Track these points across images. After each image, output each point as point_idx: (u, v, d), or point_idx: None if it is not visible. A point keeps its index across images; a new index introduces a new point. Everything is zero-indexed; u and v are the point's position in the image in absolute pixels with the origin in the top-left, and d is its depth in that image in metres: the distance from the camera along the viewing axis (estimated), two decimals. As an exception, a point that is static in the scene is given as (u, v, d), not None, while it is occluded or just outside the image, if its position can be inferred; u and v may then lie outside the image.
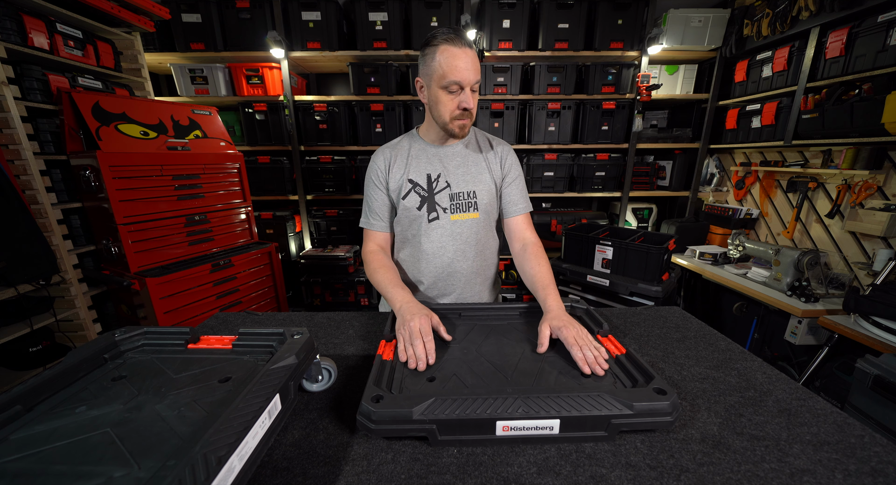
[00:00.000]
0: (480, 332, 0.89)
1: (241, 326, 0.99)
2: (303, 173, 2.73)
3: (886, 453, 0.55)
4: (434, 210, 1.06)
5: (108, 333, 0.71)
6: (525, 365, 0.75)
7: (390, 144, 1.11)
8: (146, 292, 1.66)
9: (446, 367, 0.74)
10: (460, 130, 0.99)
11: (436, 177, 1.06)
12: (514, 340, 0.85)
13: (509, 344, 0.83)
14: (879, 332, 1.49)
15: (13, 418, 0.52)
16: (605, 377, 0.70)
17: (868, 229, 1.85)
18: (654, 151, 2.94)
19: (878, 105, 1.64)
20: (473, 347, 0.82)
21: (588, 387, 0.68)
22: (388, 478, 0.52)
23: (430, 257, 1.08)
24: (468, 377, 0.71)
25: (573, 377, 0.71)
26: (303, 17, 2.43)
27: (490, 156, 1.10)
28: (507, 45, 2.52)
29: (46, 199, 1.60)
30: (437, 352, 0.77)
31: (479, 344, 0.83)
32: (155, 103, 1.90)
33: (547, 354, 0.79)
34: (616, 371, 0.72)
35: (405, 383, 0.69)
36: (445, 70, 0.91)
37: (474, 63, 0.92)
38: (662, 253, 1.87)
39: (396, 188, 1.06)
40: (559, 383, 0.69)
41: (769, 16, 2.16)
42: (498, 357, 0.78)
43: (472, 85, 0.94)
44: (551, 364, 0.75)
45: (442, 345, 0.82)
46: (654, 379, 0.63)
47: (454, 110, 0.95)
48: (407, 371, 0.72)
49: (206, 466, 0.39)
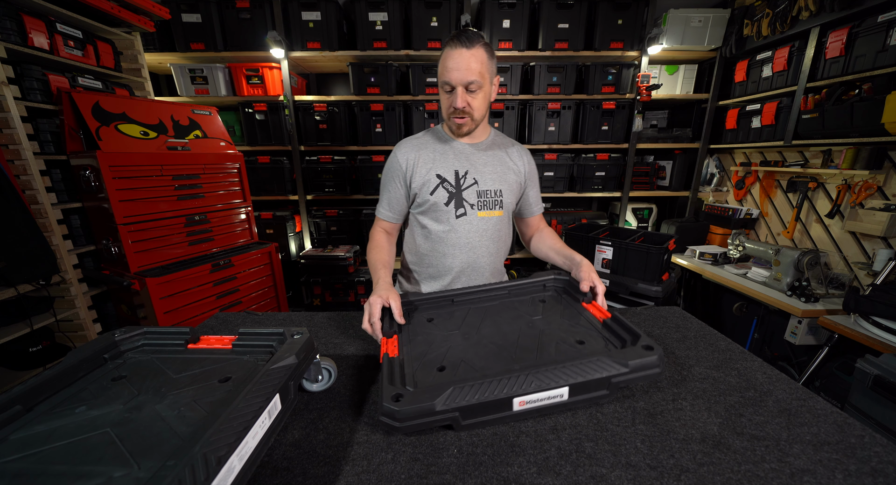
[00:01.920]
0: (476, 315, 0.92)
1: (241, 326, 0.99)
2: (303, 173, 2.73)
3: (886, 453, 0.55)
4: (462, 206, 1.08)
5: (108, 333, 0.71)
6: (525, 341, 0.79)
7: (414, 140, 1.12)
8: (146, 292, 1.66)
9: (453, 354, 0.76)
10: (457, 128, 1.04)
11: (463, 173, 1.08)
12: (509, 318, 0.90)
13: (506, 322, 0.88)
14: (879, 332, 1.49)
15: (13, 418, 0.52)
16: (597, 341, 0.76)
17: (868, 229, 1.85)
18: (654, 151, 2.93)
19: (878, 105, 1.63)
20: (473, 332, 0.85)
21: (585, 352, 0.73)
22: (388, 478, 0.52)
23: (457, 252, 1.11)
24: (476, 361, 0.73)
25: (570, 345, 0.76)
26: (303, 17, 2.43)
27: (514, 157, 1.15)
28: (507, 45, 2.52)
29: (46, 199, 1.60)
30: (442, 340, 0.82)
31: (478, 327, 0.87)
32: (155, 103, 1.90)
33: (540, 324, 0.86)
34: (606, 335, 0.78)
35: (417, 376, 0.70)
36: (440, 70, 0.98)
37: (467, 63, 0.93)
38: (662, 253, 1.87)
39: (422, 183, 1.07)
40: (560, 351, 0.74)
41: (769, 16, 2.16)
42: (499, 337, 0.81)
43: (467, 85, 0.95)
44: (547, 336, 0.80)
45: (445, 333, 0.85)
46: (641, 337, 0.68)
47: (448, 108, 1.01)
48: (416, 365, 0.73)
49: (205, 466, 0.39)
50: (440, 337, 0.82)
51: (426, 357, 0.76)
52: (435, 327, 0.87)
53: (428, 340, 0.82)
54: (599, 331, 0.80)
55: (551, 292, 1.03)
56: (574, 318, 0.87)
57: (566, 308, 0.92)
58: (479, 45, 0.94)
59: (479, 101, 1.00)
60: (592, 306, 0.87)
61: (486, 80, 0.98)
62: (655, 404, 0.67)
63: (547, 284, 1.05)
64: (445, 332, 0.85)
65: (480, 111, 1.02)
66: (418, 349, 0.79)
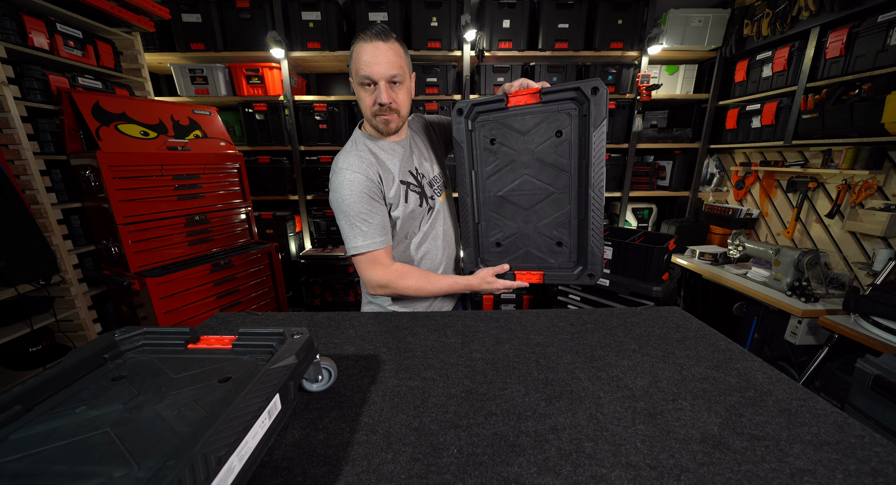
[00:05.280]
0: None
1: (241, 326, 0.99)
2: (303, 173, 2.73)
3: (886, 453, 0.55)
4: (428, 202, 1.09)
5: (108, 333, 0.71)
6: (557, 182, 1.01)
7: (357, 153, 1.01)
8: (146, 292, 1.66)
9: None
10: (384, 125, 0.98)
11: (415, 171, 1.08)
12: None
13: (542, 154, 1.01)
14: (879, 332, 1.49)
15: (13, 418, 0.52)
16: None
17: (868, 229, 1.85)
18: (654, 151, 2.94)
19: (878, 105, 1.64)
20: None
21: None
22: (388, 478, 0.52)
23: (447, 241, 1.14)
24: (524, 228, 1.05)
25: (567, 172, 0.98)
26: (303, 17, 2.43)
27: (432, 134, 1.19)
28: (507, 45, 2.52)
29: (46, 199, 1.60)
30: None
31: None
32: (155, 103, 1.90)
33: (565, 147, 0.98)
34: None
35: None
36: (356, 67, 0.91)
37: (386, 56, 0.89)
38: (662, 253, 1.87)
39: (394, 195, 1.03)
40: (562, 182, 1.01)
41: (769, 16, 2.16)
42: (535, 183, 1.02)
43: (390, 79, 0.91)
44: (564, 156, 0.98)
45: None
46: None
47: (371, 106, 0.95)
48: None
49: (205, 466, 0.39)
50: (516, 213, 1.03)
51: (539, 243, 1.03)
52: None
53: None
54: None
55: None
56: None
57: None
58: (393, 38, 0.91)
59: (403, 96, 0.96)
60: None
61: (406, 74, 0.95)
62: (655, 404, 0.67)
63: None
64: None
65: (406, 107, 0.99)
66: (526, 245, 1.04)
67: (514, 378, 0.73)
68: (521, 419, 0.63)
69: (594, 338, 0.89)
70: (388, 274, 1.01)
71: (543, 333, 0.91)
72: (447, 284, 1.04)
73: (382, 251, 1.01)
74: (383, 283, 1.01)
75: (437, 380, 0.73)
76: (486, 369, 0.77)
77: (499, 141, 1.00)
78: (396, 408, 0.66)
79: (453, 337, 0.90)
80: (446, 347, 0.86)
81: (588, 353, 0.82)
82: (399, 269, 1.03)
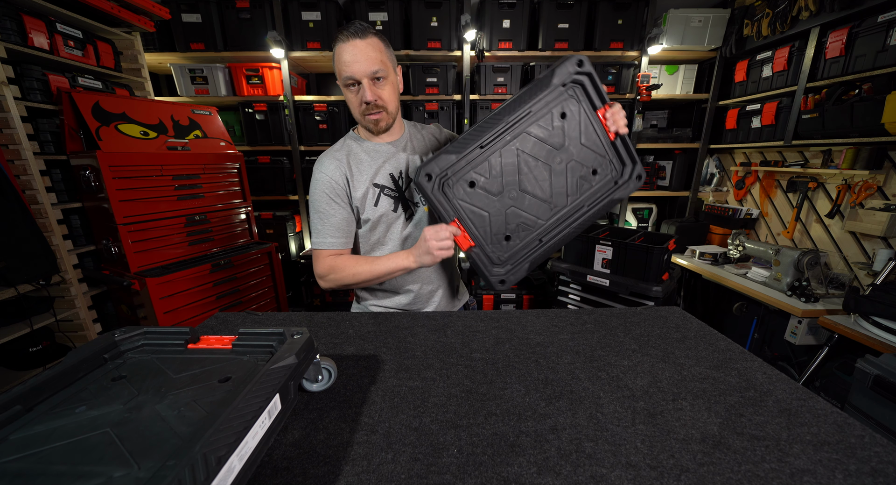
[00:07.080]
0: (509, 158, 0.97)
1: (241, 326, 0.99)
2: (303, 173, 2.73)
3: (886, 453, 0.55)
4: (409, 208, 1.06)
5: (108, 333, 0.71)
6: (558, 185, 0.98)
7: (335, 153, 1.02)
8: (146, 292, 1.66)
9: (511, 220, 0.95)
10: (374, 124, 0.98)
11: (398, 175, 1.04)
12: (540, 154, 0.99)
13: (537, 169, 0.97)
14: (879, 332, 1.49)
15: (13, 418, 0.52)
16: (606, 168, 1.01)
17: (868, 229, 1.85)
18: (654, 151, 2.93)
19: (878, 105, 1.64)
20: (514, 190, 0.96)
21: (596, 184, 1.00)
22: (388, 478, 0.52)
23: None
24: (527, 218, 0.97)
25: (586, 179, 1.01)
26: (303, 17, 2.44)
27: (435, 134, 1.14)
28: (507, 45, 2.52)
29: (46, 199, 1.60)
30: (492, 205, 0.94)
31: (517, 182, 0.96)
32: (155, 103, 1.90)
33: (564, 157, 0.97)
34: (612, 157, 1.00)
35: (493, 252, 0.95)
36: (339, 68, 0.91)
37: (365, 53, 0.88)
38: (662, 253, 1.87)
39: (362, 195, 1.01)
40: (581, 190, 1.00)
41: (769, 16, 2.16)
42: (537, 189, 0.97)
43: (372, 76, 0.90)
44: (571, 169, 0.97)
45: (491, 198, 0.95)
46: (637, 164, 1.00)
47: (358, 106, 0.95)
48: (489, 240, 0.94)
49: (205, 466, 0.39)
50: (489, 203, 0.93)
51: (493, 230, 0.93)
52: (479, 194, 0.94)
53: (481, 207, 0.94)
54: (607, 152, 0.98)
55: (570, 98, 0.96)
56: (590, 137, 0.96)
57: (585, 126, 0.96)
58: (371, 34, 0.89)
59: (389, 91, 0.95)
60: (605, 112, 0.95)
61: (389, 68, 0.93)
62: (655, 404, 0.67)
63: (565, 83, 0.96)
64: (491, 196, 0.94)
65: (393, 103, 0.97)
66: (480, 224, 0.93)
67: (514, 378, 0.73)
68: (521, 419, 0.63)
69: (594, 338, 0.89)
70: (331, 265, 1.01)
71: (543, 333, 0.91)
72: (389, 263, 0.97)
73: (331, 252, 1.02)
74: (321, 273, 1.02)
75: (437, 380, 0.73)
76: (486, 368, 0.77)
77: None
78: (396, 408, 0.66)
79: (453, 337, 0.90)
80: (446, 347, 0.86)
81: (588, 353, 0.82)
82: (341, 262, 1.01)
